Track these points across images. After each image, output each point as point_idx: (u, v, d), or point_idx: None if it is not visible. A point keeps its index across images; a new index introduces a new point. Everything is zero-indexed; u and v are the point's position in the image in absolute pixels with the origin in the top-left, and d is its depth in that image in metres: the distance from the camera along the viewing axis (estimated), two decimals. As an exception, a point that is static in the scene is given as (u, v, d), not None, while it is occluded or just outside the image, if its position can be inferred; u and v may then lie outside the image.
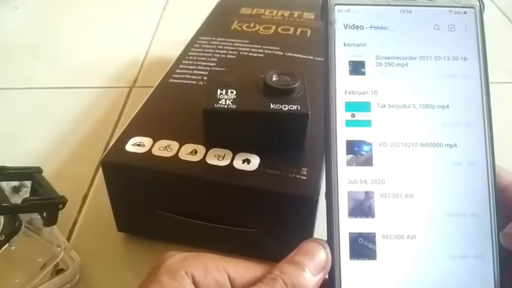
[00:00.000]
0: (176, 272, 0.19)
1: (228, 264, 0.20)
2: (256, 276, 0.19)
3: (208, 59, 0.39)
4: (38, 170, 0.34)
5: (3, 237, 0.29)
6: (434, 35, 0.22)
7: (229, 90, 0.29)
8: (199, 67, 0.38)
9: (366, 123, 0.21)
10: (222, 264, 0.19)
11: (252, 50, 0.41)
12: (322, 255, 0.20)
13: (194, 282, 0.19)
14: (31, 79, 0.54)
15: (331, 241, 0.20)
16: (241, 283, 0.19)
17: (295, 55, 0.40)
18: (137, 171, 0.29)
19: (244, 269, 0.20)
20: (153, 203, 0.31)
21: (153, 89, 0.36)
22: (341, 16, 0.21)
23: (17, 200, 0.30)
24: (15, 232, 0.29)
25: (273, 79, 0.30)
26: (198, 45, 0.41)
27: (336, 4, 0.22)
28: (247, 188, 0.28)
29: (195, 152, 0.30)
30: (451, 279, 0.20)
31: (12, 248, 0.30)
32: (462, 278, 0.20)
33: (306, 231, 0.29)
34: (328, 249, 0.20)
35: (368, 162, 0.21)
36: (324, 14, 0.22)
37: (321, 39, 0.22)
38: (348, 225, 0.20)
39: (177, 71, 0.38)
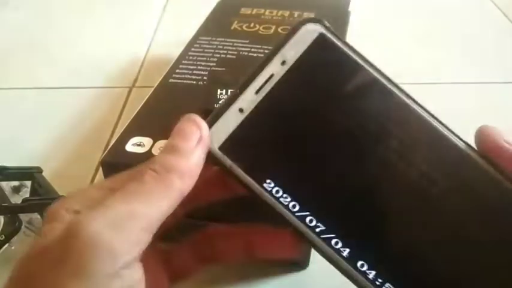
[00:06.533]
0: (56, 214, 0.17)
1: (107, 181, 0.19)
2: None
3: (208, 59, 0.39)
4: (38, 170, 0.34)
5: (3, 237, 0.29)
6: None
7: (229, 90, 0.29)
8: (199, 67, 0.38)
9: None
10: (100, 184, 0.19)
11: (252, 50, 0.41)
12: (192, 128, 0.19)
13: (77, 212, 0.17)
14: (31, 79, 0.54)
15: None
16: None
17: (295, 55, 0.40)
18: (137, 171, 0.29)
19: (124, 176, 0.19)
20: (153, 203, 0.31)
21: (153, 89, 0.36)
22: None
23: (17, 200, 0.31)
24: (15, 232, 0.29)
25: (273, 79, 0.30)
26: (198, 45, 0.41)
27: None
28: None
29: (195, 152, 0.30)
30: None
31: (12, 248, 0.30)
32: None
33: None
34: (199, 121, 0.19)
35: None
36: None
37: None
38: None
39: (177, 71, 0.38)
